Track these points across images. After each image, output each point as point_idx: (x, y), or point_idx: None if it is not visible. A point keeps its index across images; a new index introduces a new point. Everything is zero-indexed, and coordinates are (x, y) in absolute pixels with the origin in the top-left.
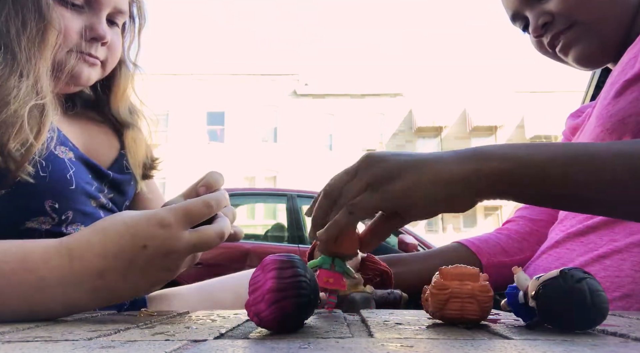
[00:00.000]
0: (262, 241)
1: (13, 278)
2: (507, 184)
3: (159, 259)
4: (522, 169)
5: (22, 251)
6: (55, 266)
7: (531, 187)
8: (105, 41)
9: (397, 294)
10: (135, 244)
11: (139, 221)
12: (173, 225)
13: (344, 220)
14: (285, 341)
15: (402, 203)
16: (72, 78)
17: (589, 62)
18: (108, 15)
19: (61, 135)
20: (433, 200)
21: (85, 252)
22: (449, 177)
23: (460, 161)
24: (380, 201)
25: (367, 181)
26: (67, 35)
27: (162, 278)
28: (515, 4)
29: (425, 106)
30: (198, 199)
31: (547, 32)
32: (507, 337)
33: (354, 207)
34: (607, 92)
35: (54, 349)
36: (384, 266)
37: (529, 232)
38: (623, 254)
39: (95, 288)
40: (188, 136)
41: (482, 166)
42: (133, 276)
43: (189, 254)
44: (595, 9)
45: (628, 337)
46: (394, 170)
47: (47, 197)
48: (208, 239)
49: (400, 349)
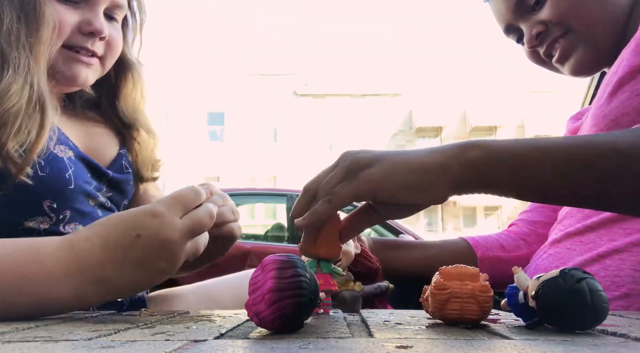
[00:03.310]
0: (262, 241)
1: (24, 270)
2: (485, 172)
3: (155, 247)
4: (499, 156)
5: (30, 246)
6: (61, 258)
7: (509, 174)
8: (103, 36)
9: (384, 286)
10: (129, 234)
11: (132, 214)
12: (165, 213)
13: (321, 209)
14: (285, 341)
15: (379, 189)
16: (68, 79)
17: (584, 70)
18: (106, 9)
19: (61, 134)
20: (409, 187)
21: (85, 244)
22: (426, 163)
23: (437, 151)
24: (356, 187)
25: (344, 172)
26: (62, 30)
27: (163, 269)
28: (508, 16)
29: (425, 106)
30: (185, 188)
31: (542, 42)
32: (507, 337)
33: (332, 195)
34: (601, 93)
35: (54, 349)
36: (375, 262)
37: (527, 233)
38: (622, 253)
39: (97, 279)
40: (188, 136)
41: (458, 154)
42: (131, 267)
43: (186, 239)
44: (588, 15)
45: (628, 337)
46: (370, 159)
47: (46, 197)
48: (199, 220)
49: (400, 349)
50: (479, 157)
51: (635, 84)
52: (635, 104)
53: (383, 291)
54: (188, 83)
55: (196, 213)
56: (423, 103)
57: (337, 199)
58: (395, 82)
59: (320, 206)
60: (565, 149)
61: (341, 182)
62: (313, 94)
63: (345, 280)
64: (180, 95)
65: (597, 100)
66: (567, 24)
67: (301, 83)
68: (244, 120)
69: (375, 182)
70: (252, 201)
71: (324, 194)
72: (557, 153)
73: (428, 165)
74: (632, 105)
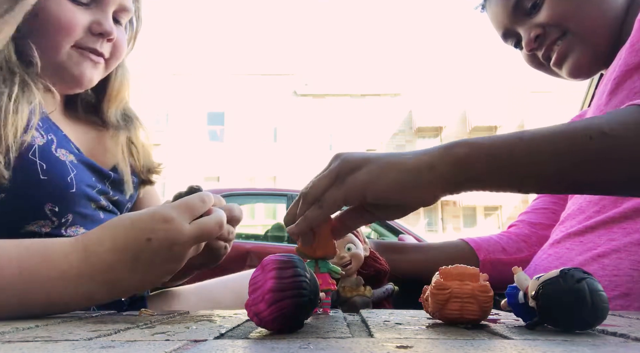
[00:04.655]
0: (262, 241)
1: (38, 272)
2: (472, 168)
3: (164, 251)
4: (486, 151)
5: (43, 248)
6: (74, 260)
7: (497, 167)
8: (112, 37)
9: (390, 289)
10: (140, 238)
11: (144, 217)
12: (175, 219)
13: (312, 215)
14: (285, 341)
15: (368, 191)
16: (74, 78)
17: (582, 72)
18: (113, 13)
19: (63, 137)
20: (396, 188)
21: (97, 247)
22: (415, 164)
23: (424, 152)
24: (346, 191)
25: (334, 175)
26: (74, 30)
27: (169, 269)
28: (505, 21)
29: (425, 106)
30: (194, 196)
31: (541, 45)
32: (507, 337)
33: (322, 201)
34: (600, 92)
35: (54, 349)
36: (384, 264)
37: (528, 234)
38: (621, 253)
39: (107, 280)
40: (188, 136)
41: (444, 153)
42: (141, 268)
43: (192, 245)
44: (585, 17)
45: (628, 337)
46: (359, 161)
47: (47, 200)
48: (208, 227)
49: (400, 349)
50: (465, 153)
51: (632, 83)
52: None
53: (389, 294)
54: (188, 83)
55: (205, 221)
56: (423, 103)
57: (327, 205)
58: (395, 82)
59: (311, 213)
60: (550, 137)
61: (331, 186)
62: (313, 94)
63: (355, 285)
64: (180, 95)
65: (597, 100)
66: (565, 26)
67: (301, 83)
68: (244, 120)
69: (363, 185)
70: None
71: (312, 199)
72: (543, 142)
73: (415, 166)
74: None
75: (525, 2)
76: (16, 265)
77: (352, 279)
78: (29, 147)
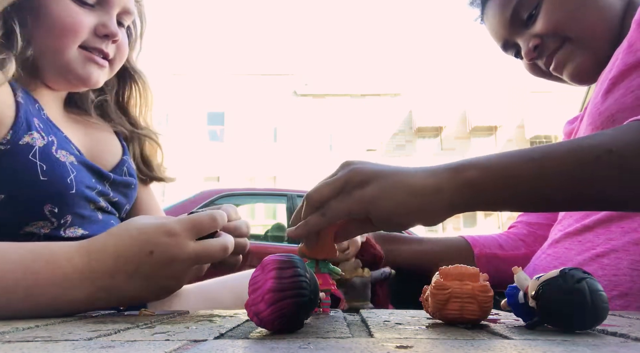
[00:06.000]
0: (262, 241)
1: (41, 275)
2: (483, 191)
3: (164, 266)
4: (496, 174)
5: (48, 251)
6: (77, 264)
7: (508, 191)
8: (117, 39)
9: (387, 272)
10: (143, 250)
11: (149, 229)
12: (180, 234)
13: (314, 221)
14: (285, 341)
15: (373, 209)
16: (81, 79)
17: (584, 77)
18: (117, 15)
19: (63, 138)
20: (405, 210)
21: (101, 253)
22: (422, 187)
23: (434, 174)
24: (351, 205)
25: (341, 184)
26: (80, 31)
27: (168, 286)
28: (503, 33)
29: (425, 106)
30: (204, 213)
31: (541, 55)
32: (507, 337)
33: (326, 209)
34: (597, 91)
35: (54, 349)
36: (380, 250)
37: (526, 234)
38: (620, 253)
39: (107, 287)
40: (188, 136)
41: (454, 176)
42: (140, 280)
43: (193, 264)
44: (582, 22)
45: (628, 337)
46: (368, 176)
47: (47, 201)
48: (211, 250)
49: (400, 349)
50: (476, 177)
51: (629, 82)
52: (630, 101)
53: (387, 277)
54: (188, 83)
55: (210, 243)
56: (423, 103)
57: (330, 214)
58: (395, 82)
59: (312, 219)
60: (560, 157)
61: (337, 194)
62: (313, 94)
63: (354, 267)
64: (180, 95)
65: (593, 98)
66: (563, 34)
67: (301, 83)
68: (244, 120)
69: (369, 204)
70: (252, 201)
71: (315, 204)
72: (552, 163)
73: (421, 188)
74: (626, 102)
75: (522, 13)
76: (20, 268)
77: (351, 262)
78: (30, 148)
